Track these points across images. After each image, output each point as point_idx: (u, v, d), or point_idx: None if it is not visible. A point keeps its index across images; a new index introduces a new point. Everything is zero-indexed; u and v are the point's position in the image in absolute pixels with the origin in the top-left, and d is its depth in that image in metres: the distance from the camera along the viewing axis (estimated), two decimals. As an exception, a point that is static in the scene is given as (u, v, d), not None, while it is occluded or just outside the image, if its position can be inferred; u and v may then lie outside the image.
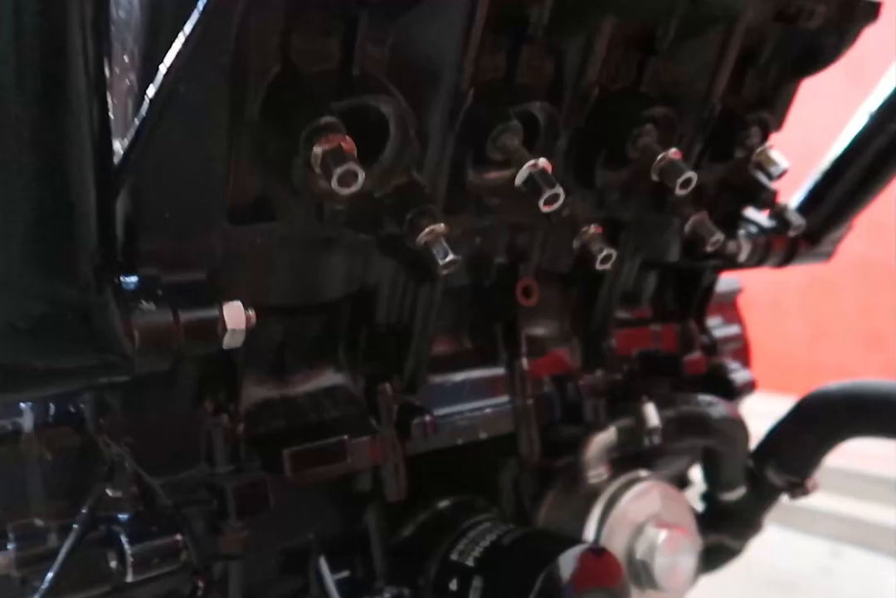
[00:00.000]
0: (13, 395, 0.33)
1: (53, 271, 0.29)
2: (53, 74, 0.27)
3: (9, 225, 0.28)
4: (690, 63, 0.49)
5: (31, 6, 0.25)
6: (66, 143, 0.28)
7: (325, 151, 0.33)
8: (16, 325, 0.30)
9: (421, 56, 0.39)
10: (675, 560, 0.53)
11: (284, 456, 0.42)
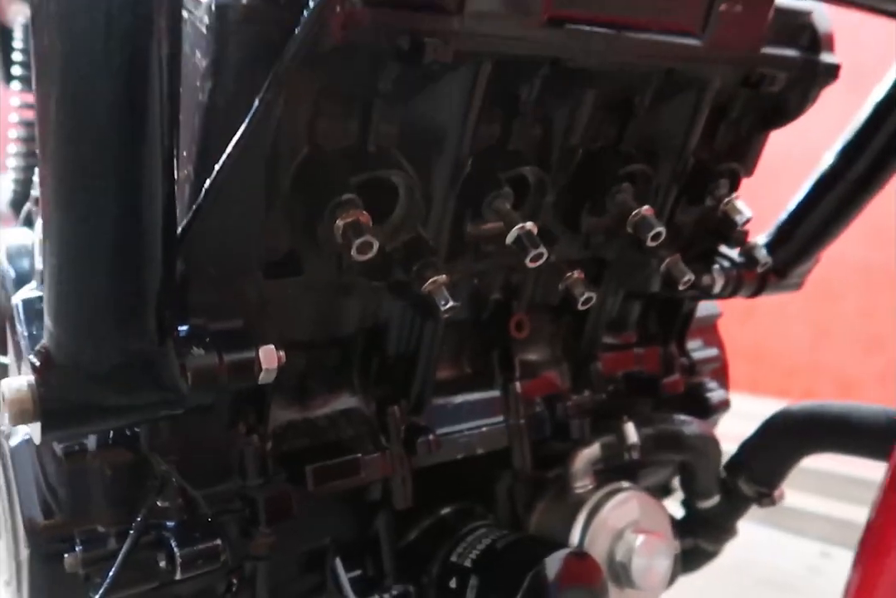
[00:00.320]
0: (90, 428, 0.40)
1: (128, 328, 0.36)
2: (140, 160, 0.33)
3: (94, 290, 0.35)
4: (666, 122, 0.56)
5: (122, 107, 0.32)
6: (144, 220, 0.34)
7: (345, 224, 0.40)
8: (95, 371, 0.36)
9: (427, 130, 0.45)
10: (651, 562, 0.59)
11: (307, 471, 0.49)
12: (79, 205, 0.33)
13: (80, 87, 0.31)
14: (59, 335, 0.36)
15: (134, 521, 0.45)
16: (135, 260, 0.35)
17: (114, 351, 0.36)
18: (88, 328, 0.35)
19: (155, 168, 0.33)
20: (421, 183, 0.46)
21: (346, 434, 0.53)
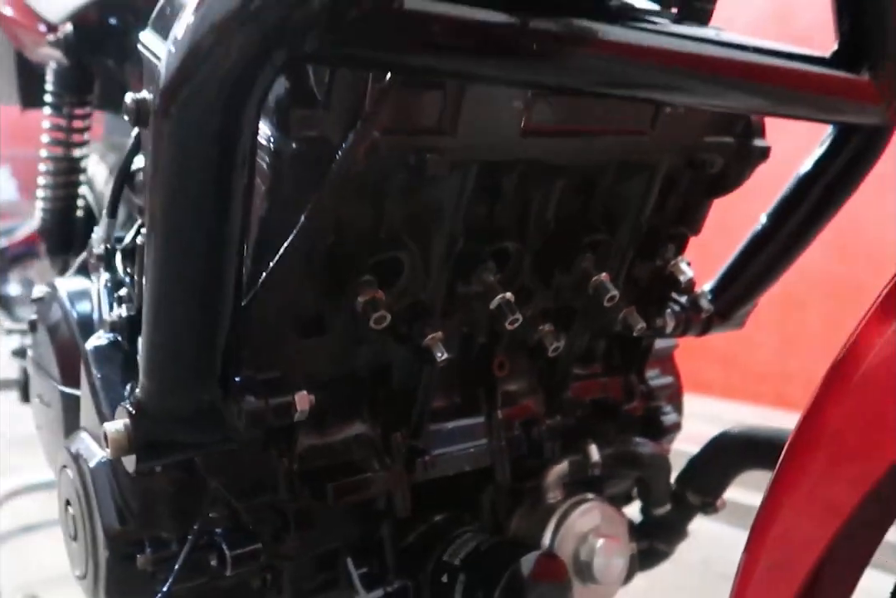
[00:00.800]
0: (170, 459, 0.51)
1: (202, 383, 0.47)
2: (221, 253, 0.44)
3: (179, 354, 0.46)
4: (623, 198, 0.67)
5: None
6: (222, 299, 0.45)
7: (364, 301, 0.51)
8: (176, 416, 0.47)
9: (428, 217, 0.56)
10: (610, 561, 0.71)
11: (328, 488, 0.60)
12: (175, 291, 0.44)
13: (182, 194, 0.42)
14: (149, 388, 0.47)
15: (191, 528, 0.56)
16: (212, 330, 0.46)
17: (191, 401, 0.47)
18: (173, 384, 0.47)
19: (231, 259, 0.44)
20: (422, 258, 0.57)
21: (357, 456, 0.64)
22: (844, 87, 0.61)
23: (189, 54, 0.38)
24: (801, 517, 0.42)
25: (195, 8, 0.38)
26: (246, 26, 0.37)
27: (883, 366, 0.39)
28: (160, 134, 0.40)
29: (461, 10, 0.41)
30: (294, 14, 0.37)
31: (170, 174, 0.41)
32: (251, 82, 0.38)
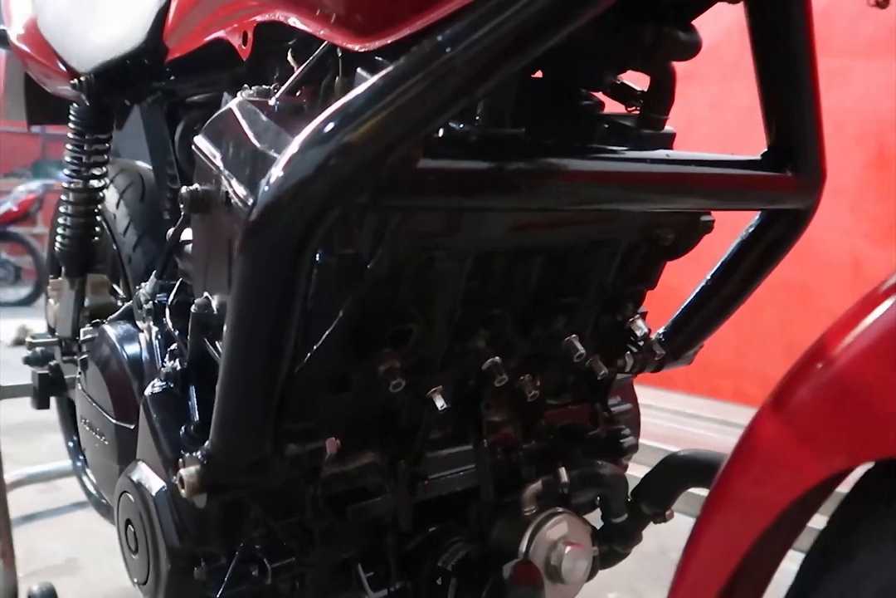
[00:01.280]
0: (228, 497, 0.64)
1: (258, 439, 0.60)
2: (280, 343, 0.56)
3: (242, 416, 0.59)
4: (591, 266, 0.80)
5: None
6: (278, 374, 0.57)
7: (384, 369, 0.64)
8: (237, 464, 0.60)
9: (434, 294, 0.69)
10: (575, 564, 0.85)
11: (348, 511, 0.73)
12: (244, 371, 0.57)
13: (257, 299, 0.54)
14: (218, 444, 0.60)
15: (237, 545, 0.69)
16: (271, 399, 0.58)
17: (249, 453, 0.60)
18: (238, 442, 0.60)
19: (289, 344, 0.57)
20: (427, 327, 0.70)
21: (368, 482, 0.77)
22: (771, 184, 0.75)
23: (273, 202, 0.50)
24: (731, 520, 0.55)
25: (282, 166, 0.50)
26: (320, 186, 0.49)
27: (815, 396, 0.49)
28: (246, 255, 0.52)
29: (456, 164, 0.55)
30: (354, 178, 0.49)
31: (249, 285, 0.53)
32: (318, 225, 0.50)
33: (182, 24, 1.00)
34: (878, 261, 2.51)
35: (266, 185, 0.51)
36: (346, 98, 0.51)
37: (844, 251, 2.54)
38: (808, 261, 2.49)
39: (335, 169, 0.49)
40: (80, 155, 1.29)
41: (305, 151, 0.50)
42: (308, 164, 0.49)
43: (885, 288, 0.50)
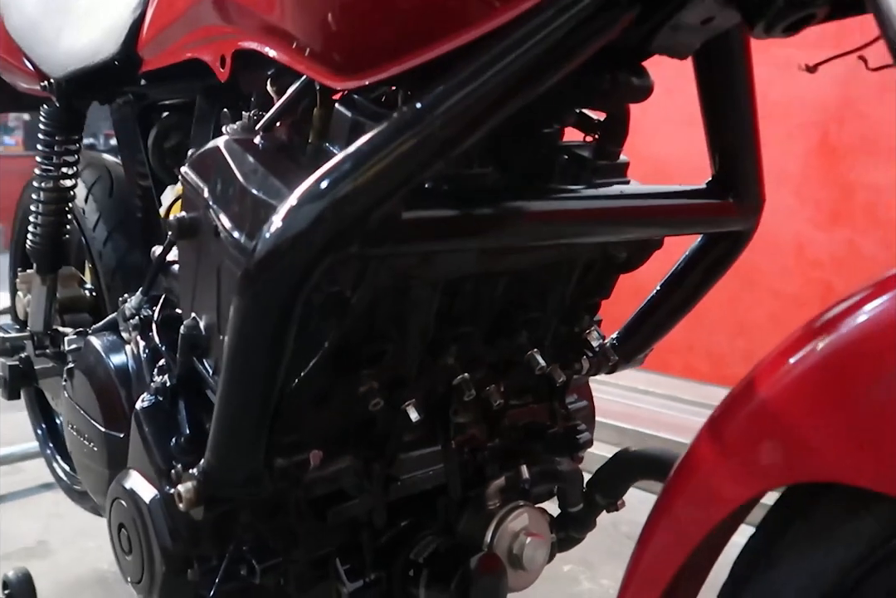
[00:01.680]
0: (222, 509, 0.69)
1: (250, 457, 0.66)
2: (272, 372, 0.62)
3: (236, 438, 0.64)
4: (551, 282, 0.87)
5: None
6: (268, 402, 0.63)
7: (364, 390, 0.70)
8: (231, 480, 0.66)
9: (409, 316, 0.75)
10: (535, 554, 0.93)
11: (328, 513, 0.80)
12: (239, 395, 0.62)
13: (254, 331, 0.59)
14: (213, 462, 0.65)
15: (227, 547, 0.75)
16: (263, 420, 0.64)
17: (242, 470, 0.66)
18: (232, 458, 0.65)
19: (281, 370, 0.62)
20: (402, 346, 0.76)
21: (346, 484, 0.83)
22: (715, 210, 0.82)
23: (273, 250, 0.56)
24: (669, 536, 0.62)
25: (281, 218, 0.56)
26: (315, 239, 0.55)
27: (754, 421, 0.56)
28: (245, 296, 0.58)
29: (434, 213, 0.60)
30: (346, 231, 0.55)
31: (247, 322, 0.59)
32: (312, 272, 0.56)
33: (158, 38, 1.03)
34: (820, 244, 2.62)
35: (267, 233, 0.56)
36: (336, 158, 0.56)
37: (789, 234, 2.64)
38: (755, 243, 2.56)
39: (329, 223, 0.54)
40: (51, 155, 1.31)
41: (302, 205, 0.55)
42: (305, 218, 0.55)
43: (815, 325, 0.56)
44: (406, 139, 0.55)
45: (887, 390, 0.48)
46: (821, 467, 0.50)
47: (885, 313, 0.50)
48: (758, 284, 2.67)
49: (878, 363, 0.49)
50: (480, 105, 0.57)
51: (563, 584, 1.65)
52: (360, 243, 0.56)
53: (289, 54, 0.73)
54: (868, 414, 0.48)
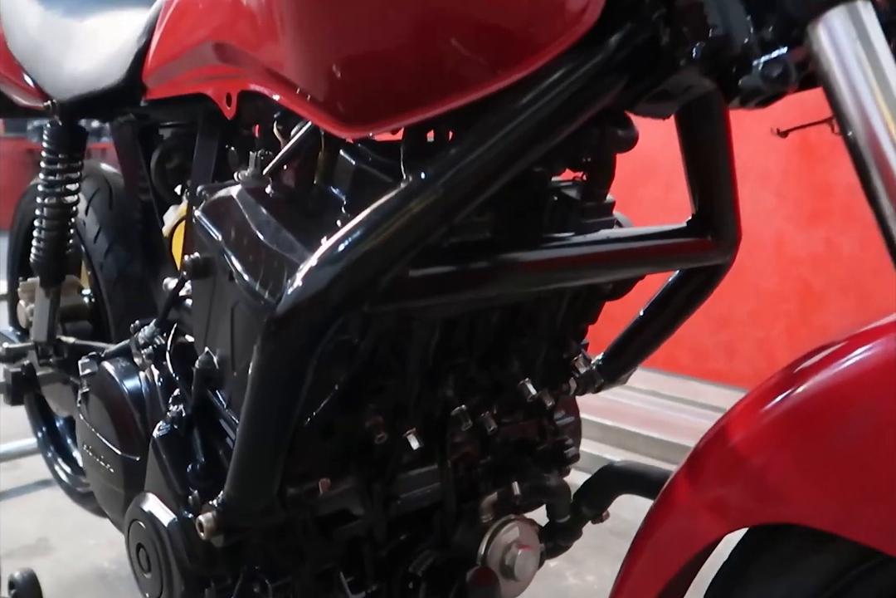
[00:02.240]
0: (240, 536, 0.75)
1: (265, 491, 0.71)
2: (287, 414, 0.67)
3: (253, 472, 0.70)
4: (542, 313, 0.92)
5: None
6: (282, 439, 0.69)
7: (370, 425, 0.75)
8: (248, 510, 0.71)
9: (408, 352, 0.80)
10: (526, 564, 0.99)
11: (333, 532, 0.85)
12: (258, 435, 0.67)
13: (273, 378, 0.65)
14: (232, 495, 0.71)
15: (242, 567, 0.81)
16: (279, 456, 0.69)
17: (258, 502, 0.72)
18: (250, 490, 0.71)
19: (296, 411, 0.68)
20: (403, 379, 0.81)
21: (348, 504, 0.89)
22: (695, 247, 0.88)
23: (292, 308, 0.61)
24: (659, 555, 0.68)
25: (301, 278, 0.61)
26: (332, 298, 0.60)
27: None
28: (266, 348, 0.63)
29: (436, 270, 0.66)
30: (359, 291, 0.60)
31: (267, 371, 0.64)
32: (328, 328, 0.61)
33: (162, 69, 1.06)
34: (799, 241, 2.69)
35: (288, 290, 0.61)
36: (351, 223, 0.61)
37: (769, 232, 2.71)
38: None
39: (344, 285, 0.60)
40: (54, 173, 1.34)
41: (320, 268, 0.60)
42: (322, 279, 0.60)
43: (782, 377, 0.62)
44: (413, 206, 0.61)
45: (842, 444, 0.54)
46: (783, 510, 0.56)
47: (847, 371, 0.55)
48: (739, 281, 2.72)
49: (837, 419, 0.55)
50: (484, 170, 0.62)
51: (549, 580, 1.72)
52: (370, 302, 0.61)
53: (294, 100, 0.77)
54: (824, 465, 0.54)
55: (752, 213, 2.63)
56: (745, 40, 0.55)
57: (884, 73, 0.48)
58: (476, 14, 0.64)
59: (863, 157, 0.49)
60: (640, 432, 2.27)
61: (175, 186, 1.28)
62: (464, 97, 0.66)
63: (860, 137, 0.49)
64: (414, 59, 0.68)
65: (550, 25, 0.62)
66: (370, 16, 0.68)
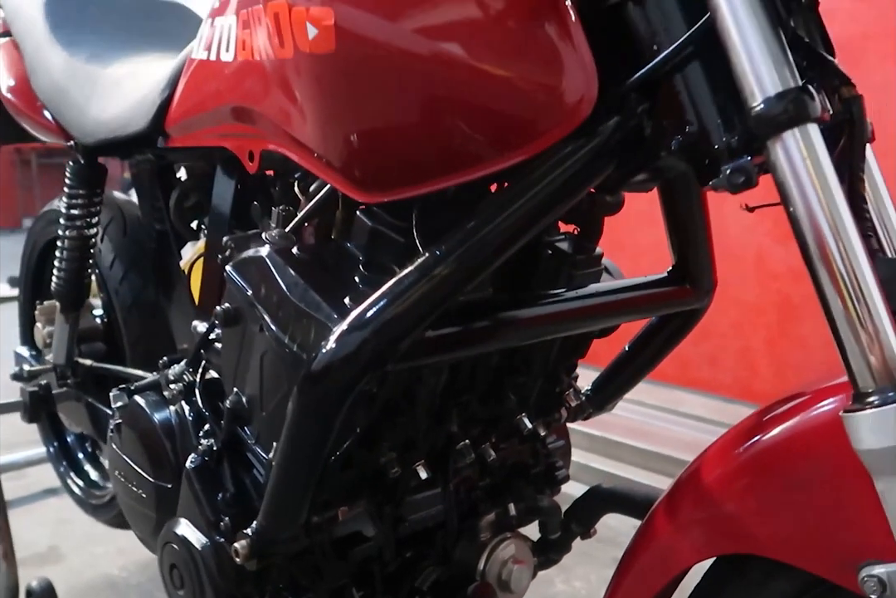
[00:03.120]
0: (267, 562, 0.84)
1: (296, 519, 0.80)
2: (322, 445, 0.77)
3: (287, 503, 0.79)
4: (536, 351, 1.02)
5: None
6: (317, 471, 0.78)
7: (385, 461, 0.85)
8: (279, 538, 0.81)
9: (417, 393, 0.89)
10: (521, 578, 1.09)
11: (349, 554, 0.95)
12: (289, 479, 0.76)
13: (307, 426, 0.74)
14: (265, 524, 0.80)
15: (268, 586, 0.90)
16: (308, 489, 0.79)
17: (288, 531, 0.81)
18: (281, 522, 0.80)
19: (325, 453, 0.77)
20: (413, 417, 0.90)
21: (361, 526, 0.98)
22: (675, 295, 0.97)
23: (326, 367, 0.70)
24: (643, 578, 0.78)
25: (335, 340, 0.70)
26: (361, 359, 0.69)
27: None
28: (301, 400, 0.72)
29: (447, 330, 0.75)
30: (385, 352, 0.69)
31: (302, 419, 0.74)
32: (357, 385, 0.70)
33: (185, 121, 1.14)
34: (778, 256, 2.80)
35: (322, 350, 0.70)
36: (377, 293, 0.71)
37: (750, 247, 2.82)
38: (717, 254, 2.75)
39: (371, 348, 0.69)
40: (76, 207, 1.43)
41: (350, 332, 0.70)
42: (352, 343, 0.69)
43: (747, 426, 0.71)
44: (431, 279, 0.70)
45: (794, 489, 0.64)
46: (746, 543, 0.66)
47: (798, 428, 0.65)
48: (721, 294, 2.82)
49: (790, 468, 0.64)
50: (493, 244, 0.72)
51: (539, 586, 1.81)
52: (394, 361, 0.71)
53: (313, 163, 0.86)
54: (780, 506, 0.64)
55: (734, 229, 2.75)
56: (716, 141, 0.65)
57: (827, 182, 0.58)
58: (483, 102, 0.73)
59: (804, 237, 0.60)
60: (625, 442, 2.37)
61: (191, 221, 1.37)
62: (471, 174, 0.75)
63: (805, 225, 0.60)
64: (426, 138, 0.77)
65: (550, 115, 0.71)
66: (388, 96, 0.77)
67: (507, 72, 0.71)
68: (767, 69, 0.59)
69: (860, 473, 0.57)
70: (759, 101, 0.59)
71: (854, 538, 0.60)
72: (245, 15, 0.89)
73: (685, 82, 0.67)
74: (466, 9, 0.70)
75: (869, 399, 0.56)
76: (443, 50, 0.72)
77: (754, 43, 0.59)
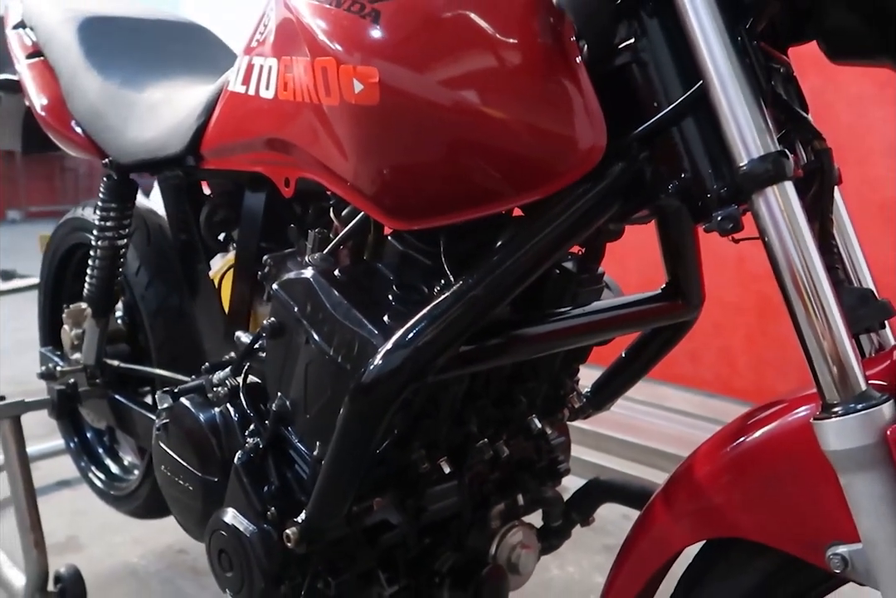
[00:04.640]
0: (314, 547, 0.96)
1: (340, 511, 0.92)
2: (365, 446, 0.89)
3: (336, 495, 0.90)
4: (545, 359, 1.13)
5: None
6: (362, 466, 0.90)
7: (416, 457, 0.96)
8: (325, 527, 0.92)
9: (443, 397, 1.01)
10: (528, 562, 1.21)
11: (378, 541, 1.06)
12: (339, 475, 0.88)
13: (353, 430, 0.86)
14: (314, 513, 0.91)
15: (310, 568, 1.02)
16: (353, 482, 0.90)
17: (334, 520, 0.92)
18: (328, 511, 0.91)
19: (370, 453, 0.89)
20: (437, 418, 1.02)
21: (387, 516, 1.09)
22: (668, 309, 1.10)
23: (374, 380, 0.81)
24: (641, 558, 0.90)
25: (381, 357, 0.81)
26: (404, 373, 0.81)
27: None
28: (351, 408, 0.84)
29: (476, 345, 0.87)
30: (425, 368, 0.81)
31: (352, 424, 0.85)
32: (400, 396, 0.82)
33: (222, 146, 1.25)
34: (758, 258, 2.91)
35: (370, 366, 0.82)
36: (417, 316, 0.82)
37: (731, 250, 2.93)
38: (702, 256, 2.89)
39: (413, 363, 0.81)
40: (108, 219, 1.53)
41: (395, 351, 0.81)
42: (396, 359, 0.81)
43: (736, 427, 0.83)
44: (465, 303, 0.81)
45: (773, 481, 0.76)
46: (732, 527, 0.78)
47: (776, 431, 0.77)
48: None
49: (769, 464, 0.76)
50: (516, 273, 0.83)
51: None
52: (434, 374, 0.83)
53: (346, 192, 0.97)
54: (761, 496, 0.76)
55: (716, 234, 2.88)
56: (708, 188, 0.76)
57: (800, 228, 0.70)
58: (506, 148, 0.84)
59: (780, 270, 0.72)
60: (614, 436, 2.50)
61: (219, 234, 1.47)
62: (492, 208, 0.86)
63: (781, 261, 0.71)
64: (454, 177, 0.88)
65: (565, 161, 0.82)
66: (420, 139, 0.87)
67: (527, 122, 0.82)
68: (751, 135, 0.70)
69: (827, 470, 0.69)
70: (745, 161, 0.70)
71: (822, 523, 0.71)
72: (288, 61, 1.00)
73: (681, 136, 0.78)
74: (492, 68, 0.81)
75: (834, 409, 0.68)
76: (471, 103, 0.83)
77: (740, 112, 0.71)
